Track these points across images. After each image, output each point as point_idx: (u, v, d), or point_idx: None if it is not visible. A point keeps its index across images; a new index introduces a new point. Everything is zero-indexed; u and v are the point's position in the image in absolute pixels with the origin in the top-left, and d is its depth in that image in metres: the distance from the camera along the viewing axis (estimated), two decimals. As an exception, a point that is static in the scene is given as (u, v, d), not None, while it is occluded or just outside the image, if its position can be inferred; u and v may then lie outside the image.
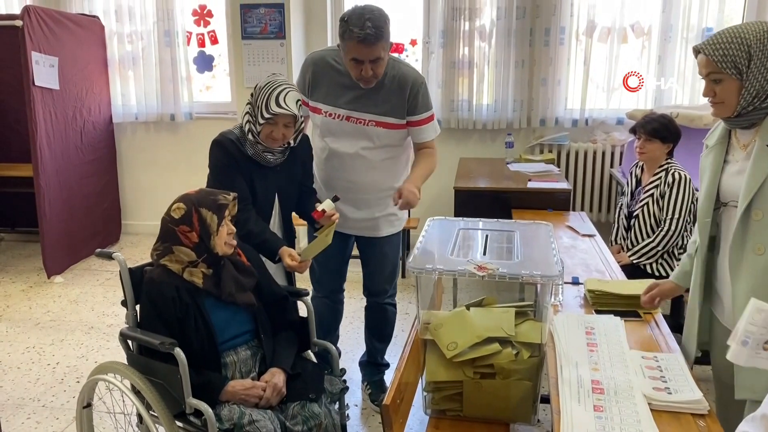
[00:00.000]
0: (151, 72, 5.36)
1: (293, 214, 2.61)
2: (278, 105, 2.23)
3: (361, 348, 3.31)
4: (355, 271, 3.02)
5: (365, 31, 2.31)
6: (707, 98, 1.77)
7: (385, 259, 2.84)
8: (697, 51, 1.76)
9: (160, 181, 5.63)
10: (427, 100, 2.62)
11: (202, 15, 5.36)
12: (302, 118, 2.38)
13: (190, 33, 5.38)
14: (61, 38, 4.66)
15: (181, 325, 1.94)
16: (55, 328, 3.83)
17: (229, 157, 2.31)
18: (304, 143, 2.50)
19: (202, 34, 5.41)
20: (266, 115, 2.23)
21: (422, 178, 2.60)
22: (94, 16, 5.25)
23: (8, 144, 5.21)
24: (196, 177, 5.44)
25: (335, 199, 2.46)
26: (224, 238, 2.02)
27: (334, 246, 2.47)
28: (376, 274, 2.86)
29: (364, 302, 3.00)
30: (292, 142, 2.38)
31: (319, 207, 2.41)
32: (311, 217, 2.44)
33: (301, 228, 2.75)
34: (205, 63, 5.47)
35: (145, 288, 2.01)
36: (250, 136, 2.30)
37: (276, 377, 2.01)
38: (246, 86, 4.97)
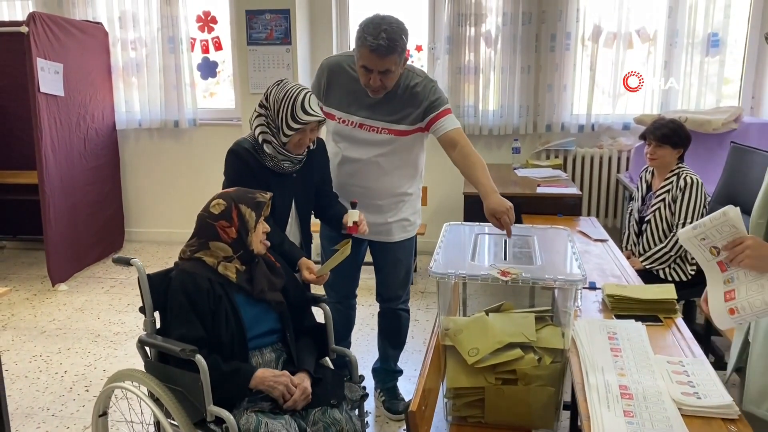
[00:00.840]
0: (155, 78, 5.35)
1: (312, 219, 2.58)
2: (306, 113, 2.20)
3: (371, 355, 3.29)
4: (364, 277, 3.00)
5: (378, 41, 2.30)
6: None
7: (398, 265, 2.82)
8: None
9: (164, 188, 5.61)
10: (442, 96, 2.58)
11: (207, 21, 5.35)
12: (324, 121, 2.36)
13: (194, 39, 5.37)
14: (65, 45, 4.65)
15: (213, 317, 1.95)
16: (62, 337, 3.80)
17: (246, 166, 2.28)
18: (320, 147, 2.48)
19: (206, 41, 5.40)
20: (295, 126, 2.20)
21: (489, 179, 2.45)
22: (98, 23, 5.24)
23: (11, 151, 5.19)
24: (199, 183, 5.51)
25: (354, 206, 2.43)
26: (260, 236, 2.07)
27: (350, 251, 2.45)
28: (390, 280, 2.84)
29: (373, 309, 2.99)
30: (311, 145, 2.37)
31: (349, 221, 2.37)
32: (340, 227, 2.42)
33: (316, 233, 2.72)
34: (209, 69, 5.46)
35: (178, 280, 1.99)
36: (267, 148, 2.26)
37: (305, 381, 2.00)
38: (251, 92, 4.95)
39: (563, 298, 2.04)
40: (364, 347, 3.62)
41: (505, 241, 2.26)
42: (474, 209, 3.78)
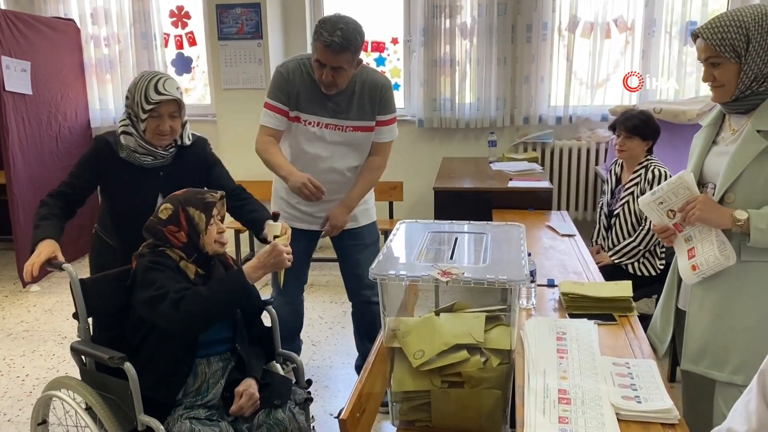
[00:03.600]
0: (129, 75, 5.27)
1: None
2: (158, 92, 2.14)
3: (343, 355, 3.24)
4: (335, 274, 2.94)
5: (333, 38, 2.35)
6: (707, 83, 1.78)
7: (366, 251, 2.78)
8: (695, 36, 1.76)
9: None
10: (394, 103, 2.70)
11: (180, 16, 5.27)
12: (185, 108, 2.26)
13: (168, 35, 5.29)
14: (33, 42, 4.57)
15: None
16: (28, 339, 3.74)
17: (97, 156, 2.25)
18: (200, 146, 2.37)
19: (180, 36, 5.32)
20: (148, 107, 2.14)
21: (358, 198, 2.69)
22: (70, 20, 5.17)
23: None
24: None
25: (276, 217, 2.22)
26: (214, 237, 1.99)
27: (300, 243, 2.42)
28: (359, 269, 2.77)
29: (343, 307, 2.92)
30: (180, 140, 2.28)
31: (270, 235, 2.21)
32: (259, 231, 2.32)
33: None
34: (183, 65, 5.39)
35: (146, 261, 1.93)
36: (124, 139, 2.21)
37: (252, 387, 1.95)
38: (224, 88, 4.89)
39: (512, 297, 1.98)
40: (333, 347, 3.56)
41: (456, 239, 2.20)
42: (444, 205, 3.73)
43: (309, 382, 2.16)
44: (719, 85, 1.74)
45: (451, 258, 2.04)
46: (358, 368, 3.07)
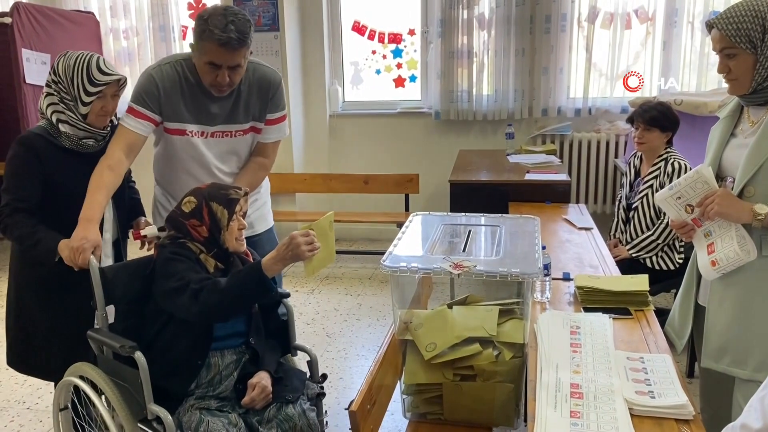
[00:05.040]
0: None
1: None
2: (103, 73, 2.08)
3: (357, 347, 3.24)
4: (350, 267, 2.93)
5: (228, 34, 2.06)
6: (722, 74, 1.75)
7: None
8: (710, 26, 1.72)
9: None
10: (284, 99, 2.44)
11: (197, 8, 5.29)
12: (125, 85, 2.18)
13: (186, 27, 5.31)
14: (53, 35, 4.61)
15: None
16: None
17: (32, 153, 2.08)
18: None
19: (198, 29, 5.33)
20: (94, 90, 2.07)
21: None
22: (89, 12, 5.20)
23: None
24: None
25: (162, 230, 2.14)
26: (235, 234, 1.98)
27: None
28: None
29: (358, 299, 2.89)
30: (115, 119, 2.23)
31: (143, 231, 2.17)
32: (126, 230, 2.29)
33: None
34: (201, 58, 5.40)
35: (167, 252, 1.93)
36: (63, 127, 2.09)
37: (264, 380, 1.94)
38: (241, 80, 4.89)
39: (526, 290, 1.97)
40: (347, 338, 3.56)
41: (469, 231, 2.19)
42: (460, 198, 3.71)
43: (324, 377, 2.15)
44: (734, 77, 1.71)
45: (464, 251, 2.03)
46: None
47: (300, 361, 2.24)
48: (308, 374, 2.14)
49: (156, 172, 2.45)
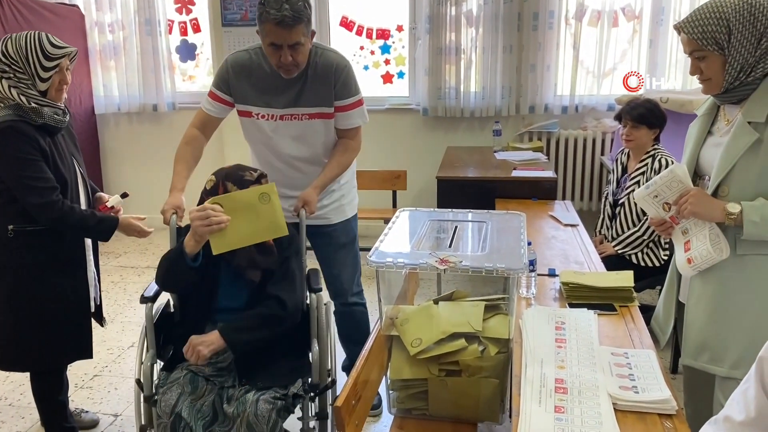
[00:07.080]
0: (133, 62, 5.26)
1: None
2: (56, 47, 2.14)
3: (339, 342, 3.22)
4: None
5: (282, 12, 2.15)
6: (695, 76, 1.76)
7: (341, 250, 2.65)
8: (678, 30, 1.73)
9: (143, 173, 5.52)
10: (354, 85, 2.47)
11: (184, 2, 5.24)
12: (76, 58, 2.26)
13: (172, 21, 5.27)
14: (37, 28, 4.49)
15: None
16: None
17: (35, 141, 2.12)
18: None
19: (185, 22, 5.29)
20: (50, 65, 2.13)
21: (329, 180, 2.47)
22: (74, 5, 5.15)
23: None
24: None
25: (124, 196, 2.37)
26: None
27: None
28: (335, 268, 2.67)
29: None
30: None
31: (109, 203, 2.39)
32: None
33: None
34: (187, 52, 5.37)
35: None
36: (32, 104, 2.10)
37: (204, 337, 1.98)
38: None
39: (511, 286, 1.97)
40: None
41: (456, 227, 2.18)
42: (447, 194, 3.71)
43: (333, 382, 2.20)
44: (706, 78, 1.72)
45: (450, 246, 2.03)
46: (346, 369, 2.91)
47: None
48: (309, 379, 2.15)
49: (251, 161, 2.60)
